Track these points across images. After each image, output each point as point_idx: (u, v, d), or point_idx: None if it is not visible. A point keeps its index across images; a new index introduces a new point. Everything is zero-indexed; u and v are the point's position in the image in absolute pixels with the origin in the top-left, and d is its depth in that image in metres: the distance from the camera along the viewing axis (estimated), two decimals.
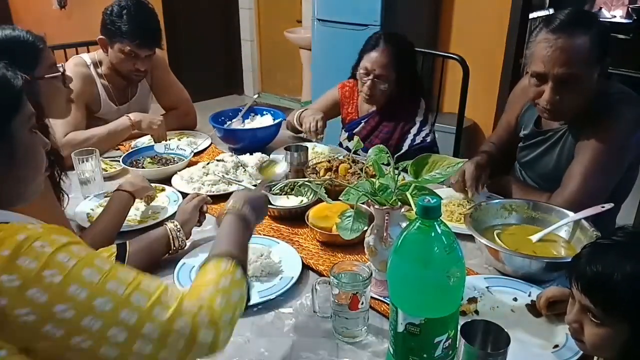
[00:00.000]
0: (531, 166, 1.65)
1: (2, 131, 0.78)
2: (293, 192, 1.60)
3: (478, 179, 1.51)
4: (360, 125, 2.08)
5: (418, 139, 1.95)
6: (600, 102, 1.43)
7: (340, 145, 2.14)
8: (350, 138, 2.13)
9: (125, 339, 0.70)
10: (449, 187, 1.58)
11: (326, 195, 1.21)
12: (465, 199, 1.52)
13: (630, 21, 3.61)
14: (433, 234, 0.82)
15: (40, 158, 0.87)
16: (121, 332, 0.70)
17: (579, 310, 0.84)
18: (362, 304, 1.02)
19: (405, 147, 1.95)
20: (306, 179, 1.59)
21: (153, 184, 1.69)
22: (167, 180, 1.71)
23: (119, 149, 2.01)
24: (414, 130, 1.96)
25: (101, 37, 1.97)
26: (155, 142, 1.97)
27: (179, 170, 1.77)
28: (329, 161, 1.73)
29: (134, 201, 1.42)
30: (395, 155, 1.14)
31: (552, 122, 1.56)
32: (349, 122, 2.14)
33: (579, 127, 1.46)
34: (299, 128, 2.01)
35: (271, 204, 1.50)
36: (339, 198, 1.16)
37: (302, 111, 2.05)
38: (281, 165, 1.46)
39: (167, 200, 1.60)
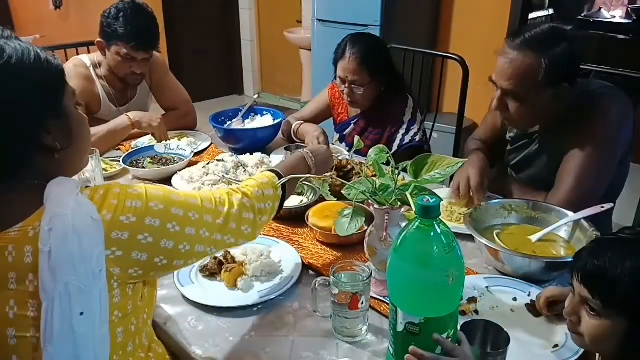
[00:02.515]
0: (520, 168, 1.65)
1: (59, 108, 0.86)
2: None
3: (484, 186, 1.46)
4: (350, 127, 2.08)
5: (407, 139, 1.94)
6: (582, 100, 1.43)
7: None
8: (341, 139, 2.13)
9: (209, 234, 0.94)
10: (449, 188, 1.56)
11: (329, 193, 1.21)
12: (468, 207, 1.44)
13: (630, 21, 3.60)
14: (432, 234, 0.82)
15: (88, 130, 0.96)
16: (206, 231, 0.93)
17: (578, 302, 0.85)
18: (362, 303, 1.02)
19: (394, 147, 1.94)
20: (307, 176, 1.59)
21: (153, 184, 1.69)
22: (167, 180, 1.71)
23: (119, 149, 2.01)
24: (402, 130, 1.95)
25: (99, 40, 1.97)
26: (156, 141, 1.97)
27: (179, 170, 1.77)
28: None
29: None
30: None
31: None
32: (340, 123, 2.14)
33: (564, 127, 1.45)
34: (297, 140, 2.01)
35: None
36: (342, 192, 1.16)
37: (301, 124, 2.04)
38: None
39: None
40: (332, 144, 2.12)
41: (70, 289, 0.75)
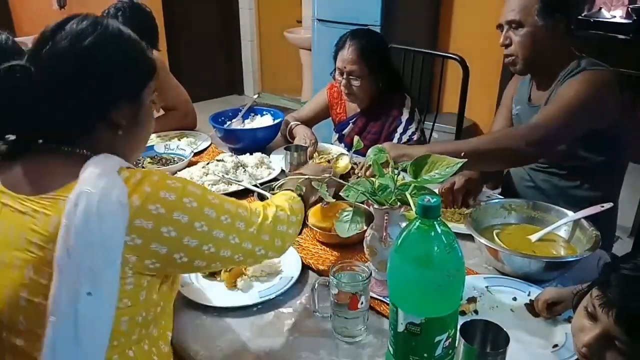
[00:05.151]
0: None
1: (137, 95, 0.92)
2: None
3: (468, 192, 1.50)
4: (349, 127, 2.08)
5: (404, 138, 1.94)
6: (574, 69, 1.52)
7: None
8: (340, 139, 2.13)
9: (239, 240, 0.92)
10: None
11: (327, 194, 1.21)
12: (452, 210, 1.48)
13: (630, 21, 3.59)
14: (433, 234, 0.82)
15: (152, 124, 0.99)
16: (235, 237, 0.91)
17: (602, 336, 0.80)
18: (362, 303, 1.02)
19: None
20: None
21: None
22: None
23: None
24: (400, 129, 1.95)
25: None
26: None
27: (179, 170, 1.77)
28: (328, 161, 1.73)
29: None
30: None
31: (543, 96, 1.60)
32: (339, 123, 2.15)
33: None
34: (291, 140, 2.02)
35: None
36: (339, 193, 1.16)
37: (295, 125, 2.05)
38: (344, 158, 1.60)
39: None
40: (332, 143, 2.13)
41: (82, 269, 0.75)
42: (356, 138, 1.39)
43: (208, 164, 1.76)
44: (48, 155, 0.87)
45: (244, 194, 1.62)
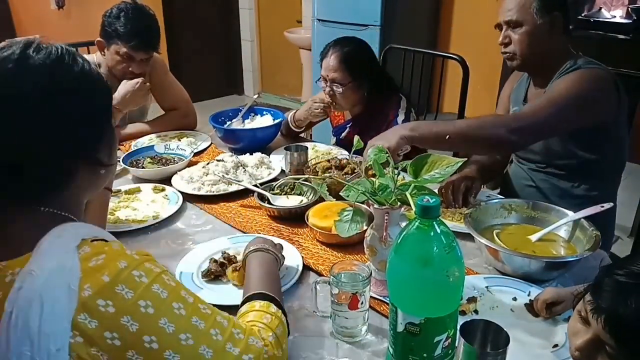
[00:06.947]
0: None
1: (111, 125, 0.84)
2: (293, 192, 1.61)
3: (467, 190, 1.51)
4: (346, 130, 2.08)
5: None
6: (569, 67, 1.53)
7: None
8: (338, 142, 2.13)
9: None
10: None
11: (327, 194, 1.21)
12: (453, 210, 1.49)
13: (630, 21, 3.60)
14: (432, 234, 0.82)
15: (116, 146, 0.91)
16: None
17: (594, 341, 0.80)
18: (362, 303, 1.02)
19: None
20: (306, 176, 1.59)
21: (153, 184, 1.69)
22: (167, 180, 1.71)
23: (119, 149, 2.01)
24: None
25: (99, 39, 1.98)
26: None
27: (179, 170, 1.77)
28: (328, 161, 1.73)
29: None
30: None
31: (539, 95, 1.60)
32: (336, 127, 2.15)
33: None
34: (295, 129, 2.01)
35: (275, 213, 1.50)
36: (340, 193, 1.16)
37: (297, 110, 2.08)
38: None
39: (167, 201, 1.60)
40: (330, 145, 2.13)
41: None
42: (356, 138, 1.39)
43: (208, 164, 1.76)
44: (7, 214, 0.75)
45: (244, 194, 1.62)
